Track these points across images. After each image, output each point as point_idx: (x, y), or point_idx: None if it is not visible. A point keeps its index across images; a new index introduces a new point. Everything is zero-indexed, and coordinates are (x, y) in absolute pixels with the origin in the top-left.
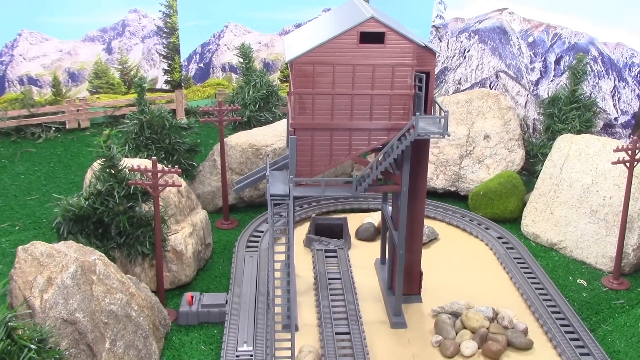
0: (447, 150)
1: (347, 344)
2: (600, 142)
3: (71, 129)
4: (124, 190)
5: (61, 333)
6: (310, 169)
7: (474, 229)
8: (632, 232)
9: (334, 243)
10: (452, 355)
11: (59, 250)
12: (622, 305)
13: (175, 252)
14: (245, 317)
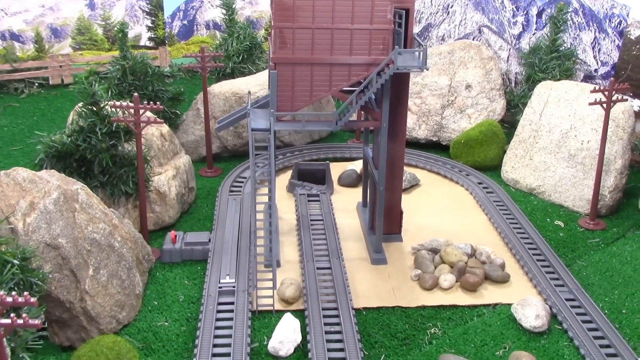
0: (429, 101)
1: (328, 278)
2: (579, 88)
3: (54, 84)
4: (106, 128)
5: (44, 257)
6: (291, 104)
7: (454, 175)
8: (608, 174)
9: (316, 188)
10: (430, 288)
11: (41, 177)
12: (597, 244)
13: (159, 193)
14: (228, 254)
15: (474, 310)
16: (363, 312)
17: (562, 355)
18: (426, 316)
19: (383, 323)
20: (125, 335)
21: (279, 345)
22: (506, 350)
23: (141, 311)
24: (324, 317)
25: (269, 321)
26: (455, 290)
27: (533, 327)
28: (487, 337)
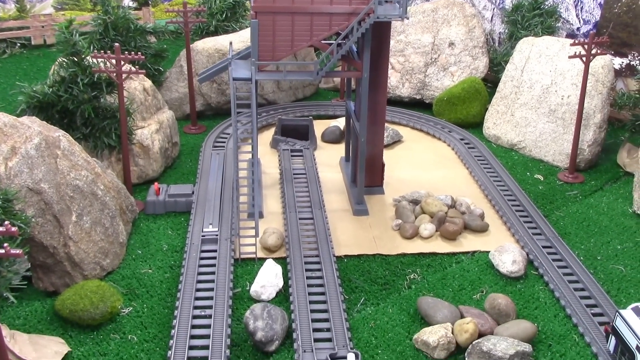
0: (413, 59)
1: (310, 227)
2: (559, 43)
3: (37, 45)
4: (87, 79)
5: (27, 201)
6: (272, 54)
7: (437, 132)
8: (587, 128)
9: (300, 143)
10: (411, 237)
11: (23, 122)
12: (575, 196)
13: (142, 146)
14: (211, 205)
15: (453, 257)
16: (344, 259)
17: (537, 298)
18: (406, 263)
19: (364, 270)
20: (109, 281)
21: (261, 290)
22: (483, 294)
23: (125, 259)
24: (306, 264)
25: (251, 268)
26: (435, 239)
27: (510, 272)
28: (465, 282)
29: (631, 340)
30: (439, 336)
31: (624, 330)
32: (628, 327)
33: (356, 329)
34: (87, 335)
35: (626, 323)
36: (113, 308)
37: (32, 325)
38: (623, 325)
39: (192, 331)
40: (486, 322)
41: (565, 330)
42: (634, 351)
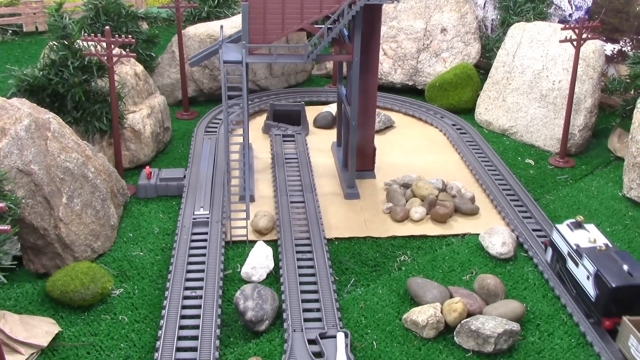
0: (405, 45)
1: (301, 211)
2: (551, 28)
3: (29, 32)
4: (78, 62)
5: (17, 183)
6: (263, 37)
7: (429, 117)
8: (578, 113)
9: (291, 129)
10: (401, 220)
11: (12, 104)
12: (566, 180)
13: (134, 131)
14: (203, 189)
15: (443, 240)
16: (335, 242)
17: (526, 279)
18: (396, 245)
19: (354, 252)
20: (100, 263)
21: (251, 271)
22: (473, 275)
23: (116, 242)
24: (297, 246)
25: (242, 251)
26: (426, 222)
27: (499, 253)
28: (455, 263)
29: (563, 248)
30: (428, 315)
31: (559, 241)
32: (562, 238)
33: (346, 309)
34: (78, 315)
35: (561, 235)
36: (104, 289)
37: (23, 307)
38: (558, 237)
39: (182, 311)
40: (475, 302)
41: (554, 310)
42: (565, 256)
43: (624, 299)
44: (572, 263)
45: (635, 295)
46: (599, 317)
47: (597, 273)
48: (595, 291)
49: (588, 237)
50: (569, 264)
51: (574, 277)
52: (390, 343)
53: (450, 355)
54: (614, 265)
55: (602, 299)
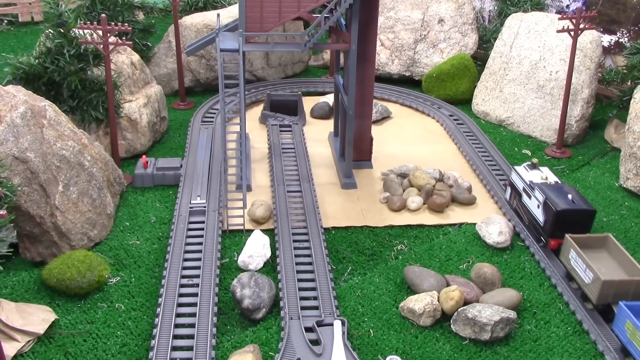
0: (402, 35)
1: (298, 200)
2: (548, 19)
3: (24, 22)
4: (74, 50)
5: (13, 170)
6: (260, 25)
7: (426, 108)
8: (575, 103)
9: (288, 119)
10: (398, 209)
11: (8, 91)
12: (562, 170)
13: (130, 120)
14: (200, 178)
15: (440, 229)
16: (332, 231)
17: (522, 268)
18: (393, 235)
19: (351, 241)
20: (97, 252)
21: (248, 260)
22: (469, 264)
23: (113, 231)
24: (293, 235)
25: (239, 239)
26: (423, 211)
27: (496, 242)
28: (452, 252)
29: (519, 185)
30: (425, 304)
31: (516, 179)
32: (519, 177)
33: (343, 297)
34: (74, 303)
35: (518, 175)
36: (100, 277)
37: (20, 295)
38: (516, 177)
39: (179, 299)
40: (472, 290)
41: (550, 298)
42: (521, 192)
43: (566, 222)
44: (526, 197)
45: (576, 218)
46: (546, 239)
47: (545, 201)
48: (544, 217)
49: (541, 176)
50: (523, 198)
51: (527, 209)
52: (387, 331)
53: (447, 343)
54: (560, 195)
55: (548, 222)
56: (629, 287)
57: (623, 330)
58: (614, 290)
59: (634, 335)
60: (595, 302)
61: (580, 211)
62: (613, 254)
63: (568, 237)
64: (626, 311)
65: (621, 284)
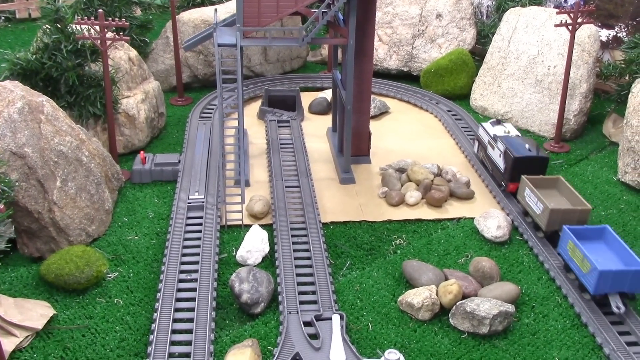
0: (400, 30)
1: (296, 195)
2: (546, 13)
3: (22, 18)
4: (71, 45)
5: (11, 165)
6: (257, 20)
7: (424, 103)
8: (573, 98)
9: (287, 114)
10: (397, 204)
11: (5, 86)
12: (560, 165)
13: (128, 116)
14: (198, 174)
15: (439, 224)
16: (330, 226)
17: (521, 262)
18: (392, 229)
19: (350, 236)
20: (95, 247)
21: (247, 255)
22: (468, 259)
23: (111, 226)
24: (292, 230)
25: (237, 235)
26: (421, 206)
27: (494, 237)
28: (450, 247)
29: (485, 139)
30: (423, 297)
31: (482, 134)
32: (485, 132)
33: (341, 292)
34: (72, 299)
35: (484, 130)
36: (99, 272)
37: (18, 290)
38: (482, 132)
39: (178, 294)
40: (470, 284)
41: (549, 292)
42: (486, 145)
43: (523, 167)
44: (490, 148)
45: (531, 165)
46: (506, 183)
47: (506, 150)
48: (504, 164)
49: (504, 130)
50: (488, 150)
51: (491, 159)
52: (385, 325)
53: (445, 337)
54: (518, 145)
55: (508, 168)
56: (572, 215)
57: (565, 250)
58: (560, 217)
59: (573, 253)
60: (545, 228)
61: (535, 158)
62: (562, 192)
63: (523, 178)
64: (568, 233)
65: (566, 212)
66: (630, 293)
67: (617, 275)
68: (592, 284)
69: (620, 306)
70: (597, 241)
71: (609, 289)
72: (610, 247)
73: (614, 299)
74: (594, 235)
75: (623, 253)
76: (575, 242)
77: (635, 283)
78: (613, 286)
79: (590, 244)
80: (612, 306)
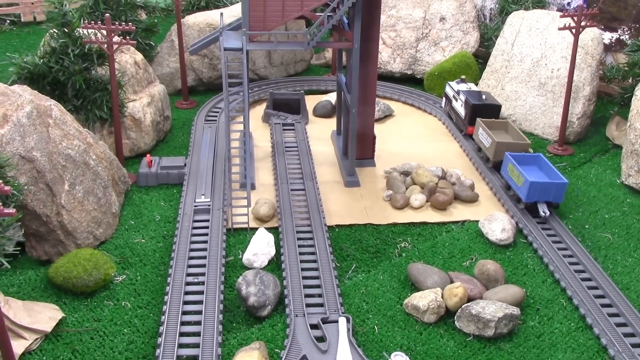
0: (404, 34)
1: (302, 198)
2: (550, 16)
3: (27, 21)
4: (78, 49)
5: (20, 169)
6: (263, 24)
7: (428, 106)
8: (577, 101)
9: (291, 117)
10: (402, 207)
11: (14, 90)
12: (564, 168)
13: (134, 119)
14: (204, 177)
15: (443, 226)
16: (336, 229)
17: (525, 265)
18: (397, 232)
19: (355, 239)
20: (102, 250)
21: (253, 258)
22: (472, 261)
23: (118, 229)
24: (298, 233)
25: (243, 238)
26: (426, 209)
27: (499, 240)
28: (455, 250)
29: (450, 94)
30: (429, 300)
31: (448, 90)
32: (451, 88)
33: (347, 294)
34: (81, 302)
35: (450, 87)
36: (106, 275)
37: (26, 293)
38: (449, 89)
39: (185, 297)
40: (475, 287)
41: (553, 295)
42: (451, 99)
43: (479, 113)
44: (454, 101)
45: (486, 111)
46: (465, 127)
47: (466, 99)
48: (464, 111)
49: (467, 86)
50: (453, 103)
51: (455, 110)
52: (391, 328)
53: (451, 340)
54: (477, 96)
55: (467, 114)
56: (514, 147)
57: (506, 171)
58: (504, 149)
59: (512, 172)
60: (492, 158)
61: (489, 105)
62: (509, 132)
63: (478, 120)
64: (509, 157)
65: (509, 145)
66: (554, 202)
67: (544, 186)
68: (524, 193)
69: (546, 211)
70: (532, 165)
71: (537, 198)
72: (542, 169)
73: (541, 206)
74: (530, 160)
75: (551, 172)
76: (514, 163)
77: (558, 194)
78: (540, 195)
79: (526, 167)
80: (540, 211)
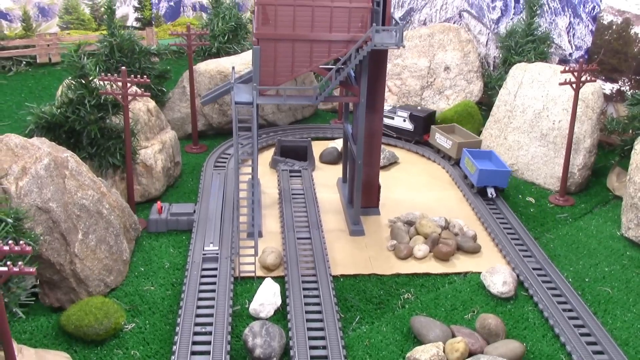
0: (409, 82)
1: (307, 247)
2: (551, 70)
3: (42, 63)
4: (94, 100)
5: (36, 220)
6: (273, 79)
7: (431, 154)
8: (577, 153)
9: (298, 164)
10: (405, 257)
11: (33, 143)
12: (565, 219)
13: (145, 166)
14: (212, 224)
15: (446, 278)
16: (340, 279)
17: (526, 319)
18: (400, 283)
19: (359, 289)
20: (113, 298)
21: (259, 308)
22: (474, 314)
23: (128, 276)
24: (303, 283)
25: (250, 286)
26: (429, 259)
27: (500, 292)
28: (457, 302)
29: None
30: (431, 355)
31: None
32: None
33: (351, 347)
34: (91, 350)
35: None
36: (117, 324)
37: (38, 340)
38: None
39: (193, 347)
40: (476, 341)
41: (553, 350)
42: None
43: (425, 125)
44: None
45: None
46: (421, 135)
47: (410, 114)
48: (413, 124)
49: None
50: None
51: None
52: None
53: None
54: (417, 110)
55: (418, 125)
56: (470, 145)
57: (464, 164)
58: (463, 147)
59: (468, 164)
60: (455, 156)
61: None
62: (459, 133)
63: (433, 127)
64: (466, 152)
65: (466, 144)
66: (500, 187)
67: (491, 173)
68: (475, 179)
69: (493, 193)
70: (485, 159)
71: (485, 183)
72: (492, 162)
73: (490, 189)
74: (483, 155)
75: (499, 163)
76: (469, 156)
77: (502, 180)
78: (488, 181)
79: (480, 159)
80: (488, 193)
